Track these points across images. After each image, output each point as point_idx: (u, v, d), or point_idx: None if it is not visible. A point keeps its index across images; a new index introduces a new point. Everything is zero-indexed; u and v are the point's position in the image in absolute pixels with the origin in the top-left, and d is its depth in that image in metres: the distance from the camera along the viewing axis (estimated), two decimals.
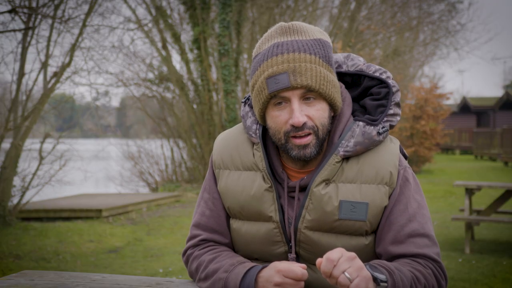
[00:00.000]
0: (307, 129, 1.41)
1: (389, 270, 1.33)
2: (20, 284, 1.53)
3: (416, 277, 1.38)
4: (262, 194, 1.50)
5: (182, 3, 14.24)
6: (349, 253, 1.26)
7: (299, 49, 1.40)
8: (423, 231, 1.45)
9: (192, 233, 1.63)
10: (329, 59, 1.44)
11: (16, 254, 6.49)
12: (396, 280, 1.32)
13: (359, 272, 1.24)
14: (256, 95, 1.46)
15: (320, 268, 1.25)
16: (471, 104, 32.01)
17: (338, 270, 1.23)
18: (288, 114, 1.42)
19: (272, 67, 1.40)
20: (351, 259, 1.25)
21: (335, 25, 17.52)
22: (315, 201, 1.45)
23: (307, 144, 1.42)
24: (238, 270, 1.44)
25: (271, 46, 1.43)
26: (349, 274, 1.22)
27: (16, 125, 8.34)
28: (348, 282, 1.22)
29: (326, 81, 1.41)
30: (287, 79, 1.38)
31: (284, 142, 1.44)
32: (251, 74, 1.48)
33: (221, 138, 1.63)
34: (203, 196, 1.63)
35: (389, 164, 1.47)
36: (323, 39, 1.45)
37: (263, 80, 1.42)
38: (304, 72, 1.39)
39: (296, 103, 1.40)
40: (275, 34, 1.46)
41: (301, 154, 1.43)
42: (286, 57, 1.40)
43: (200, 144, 14.62)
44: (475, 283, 4.95)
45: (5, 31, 8.06)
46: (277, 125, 1.44)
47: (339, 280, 1.23)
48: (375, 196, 1.45)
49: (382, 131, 1.47)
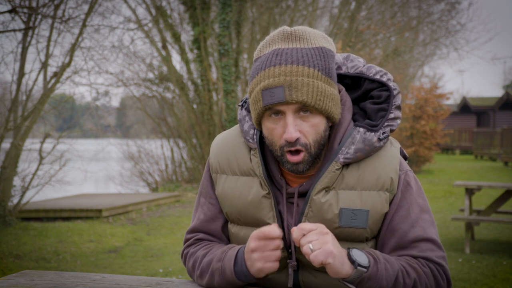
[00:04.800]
0: (299, 145, 1.40)
1: (375, 258, 1.34)
2: (20, 284, 1.53)
3: (406, 271, 1.38)
4: (260, 201, 1.50)
5: (182, 3, 14.23)
6: (323, 229, 1.31)
7: (297, 61, 1.37)
8: (426, 235, 1.45)
9: (187, 236, 1.65)
10: (329, 71, 1.40)
11: (16, 254, 6.49)
12: (379, 269, 1.33)
13: (322, 245, 1.28)
14: (252, 103, 1.44)
15: (292, 234, 1.32)
16: (471, 104, 31.99)
17: (305, 239, 1.30)
18: (283, 128, 1.40)
19: (269, 79, 1.37)
20: (321, 234, 1.30)
21: (335, 25, 17.52)
22: (315, 209, 1.45)
23: (300, 161, 1.41)
24: (229, 255, 1.45)
25: (271, 53, 1.41)
26: (312, 246, 1.28)
27: (16, 125, 8.34)
28: (309, 252, 1.28)
29: (323, 96, 1.38)
30: (282, 94, 1.36)
31: (280, 155, 1.43)
32: (250, 78, 1.46)
33: (218, 141, 1.61)
34: (200, 200, 1.64)
35: (389, 169, 1.46)
36: (325, 48, 1.42)
37: (258, 90, 1.40)
38: (300, 87, 1.36)
39: (291, 118, 1.38)
40: (277, 39, 1.43)
41: (294, 169, 1.43)
42: (283, 69, 1.36)
43: (200, 144, 14.62)
44: (475, 283, 4.95)
45: (5, 31, 8.06)
46: (272, 137, 1.43)
47: (303, 249, 1.29)
48: (376, 203, 1.44)
49: (382, 137, 1.45)
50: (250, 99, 1.45)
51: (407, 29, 19.97)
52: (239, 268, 1.42)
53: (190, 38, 14.53)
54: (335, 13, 18.96)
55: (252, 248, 1.37)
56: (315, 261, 1.27)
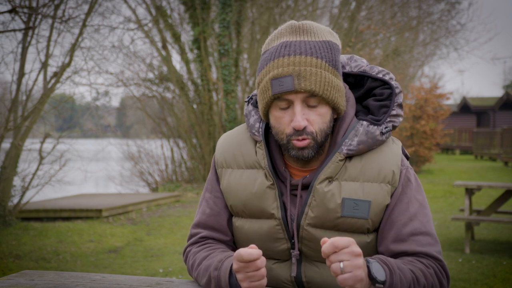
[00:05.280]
0: (306, 134, 1.43)
1: (391, 269, 1.34)
2: (20, 284, 1.53)
3: (417, 277, 1.39)
4: (264, 192, 1.52)
5: (182, 3, 14.24)
6: (356, 249, 1.26)
7: (306, 52, 1.41)
8: (425, 229, 1.47)
9: (192, 231, 1.66)
10: (335, 63, 1.44)
11: (16, 254, 6.49)
12: (394, 281, 1.33)
13: (354, 269, 1.24)
14: (260, 93, 1.48)
15: (322, 246, 1.26)
16: (471, 104, 31.98)
17: (337, 257, 1.24)
18: (290, 116, 1.44)
19: (278, 69, 1.41)
20: (354, 255, 1.25)
21: (335, 25, 17.52)
22: (318, 198, 1.47)
23: (305, 146, 1.44)
24: (225, 265, 1.46)
25: (279, 45, 1.44)
26: (343, 266, 1.23)
27: (16, 125, 8.34)
28: (338, 272, 1.24)
29: (330, 86, 1.42)
30: (291, 83, 1.39)
31: (286, 142, 1.46)
32: (258, 70, 1.50)
33: (224, 138, 1.65)
34: (205, 195, 1.66)
35: (391, 163, 1.49)
36: (332, 42, 1.46)
37: (268, 80, 1.43)
38: (309, 77, 1.39)
39: (299, 107, 1.42)
40: (285, 32, 1.47)
41: (300, 154, 1.45)
42: (292, 59, 1.40)
43: (200, 144, 14.62)
44: (475, 283, 4.95)
45: (5, 31, 8.06)
46: (280, 125, 1.46)
47: (332, 266, 1.24)
48: (378, 195, 1.47)
49: (385, 131, 1.49)
50: (258, 90, 1.48)
51: (407, 29, 19.97)
52: (234, 281, 1.42)
53: (190, 38, 14.54)
54: (335, 13, 18.96)
55: (235, 269, 1.37)
56: (343, 283, 1.24)
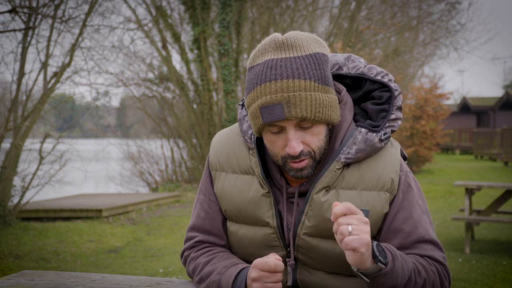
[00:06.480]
0: (303, 155, 1.40)
1: (393, 256, 1.33)
2: (20, 284, 1.53)
3: (418, 269, 1.39)
4: (259, 199, 1.49)
5: (182, 3, 14.24)
6: (365, 218, 1.26)
7: (293, 74, 1.35)
8: (429, 237, 1.46)
9: (188, 235, 1.64)
10: (324, 78, 1.39)
11: (16, 254, 6.49)
12: (396, 266, 1.32)
13: (361, 233, 1.23)
14: (251, 118, 1.43)
15: (333, 208, 1.25)
16: (471, 104, 31.98)
17: (346, 219, 1.24)
18: (284, 140, 1.40)
19: (266, 96, 1.36)
20: (362, 221, 1.25)
21: (335, 25, 17.53)
22: (315, 208, 1.45)
23: (304, 167, 1.41)
24: (231, 271, 1.44)
25: (265, 65, 1.38)
26: (352, 229, 1.23)
27: (16, 125, 8.34)
28: (346, 234, 1.23)
29: (322, 107, 1.37)
30: (281, 111, 1.34)
31: (282, 164, 1.43)
32: (245, 90, 1.44)
33: (218, 138, 1.62)
34: (199, 197, 1.63)
35: (390, 170, 1.47)
36: (319, 54, 1.40)
37: (256, 107, 1.38)
38: (299, 103, 1.34)
39: (292, 132, 1.37)
40: (269, 48, 1.40)
41: (299, 175, 1.42)
42: (279, 85, 1.34)
43: (200, 144, 14.62)
44: (475, 283, 4.95)
45: (5, 31, 8.06)
46: (274, 148, 1.42)
47: (341, 228, 1.23)
48: (376, 203, 1.45)
49: (384, 137, 1.46)
50: (248, 112, 1.44)
51: (407, 29, 19.98)
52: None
53: (190, 38, 14.54)
54: (335, 13, 18.97)
55: (253, 277, 1.36)
56: (349, 244, 1.22)
